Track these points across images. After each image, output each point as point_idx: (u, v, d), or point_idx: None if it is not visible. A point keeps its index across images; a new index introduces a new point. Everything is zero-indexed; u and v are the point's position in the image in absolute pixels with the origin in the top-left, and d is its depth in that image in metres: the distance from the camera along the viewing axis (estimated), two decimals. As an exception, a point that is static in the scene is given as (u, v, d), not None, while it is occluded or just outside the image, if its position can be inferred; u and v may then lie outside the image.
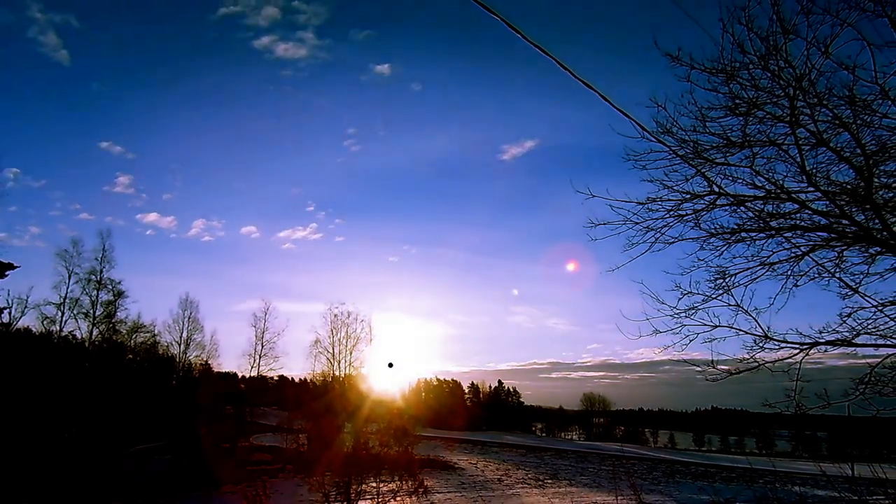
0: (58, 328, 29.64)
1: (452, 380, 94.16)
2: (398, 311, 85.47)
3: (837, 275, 5.29)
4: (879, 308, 5.01)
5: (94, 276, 30.31)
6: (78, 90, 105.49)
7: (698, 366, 5.58)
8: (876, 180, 4.65)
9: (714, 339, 5.41)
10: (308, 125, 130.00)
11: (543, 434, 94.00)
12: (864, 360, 4.97)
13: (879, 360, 4.85)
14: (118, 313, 31.79)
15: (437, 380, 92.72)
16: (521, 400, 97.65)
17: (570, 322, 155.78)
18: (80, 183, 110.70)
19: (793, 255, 5.32)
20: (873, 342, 4.94)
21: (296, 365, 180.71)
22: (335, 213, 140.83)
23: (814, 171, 4.87)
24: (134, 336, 36.93)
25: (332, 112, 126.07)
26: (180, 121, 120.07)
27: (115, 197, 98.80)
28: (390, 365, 31.45)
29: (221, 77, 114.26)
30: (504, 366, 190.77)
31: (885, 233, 4.73)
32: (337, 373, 35.82)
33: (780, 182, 5.08)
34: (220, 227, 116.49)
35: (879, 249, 4.94)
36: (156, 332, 39.02)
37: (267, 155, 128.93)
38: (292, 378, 69.36)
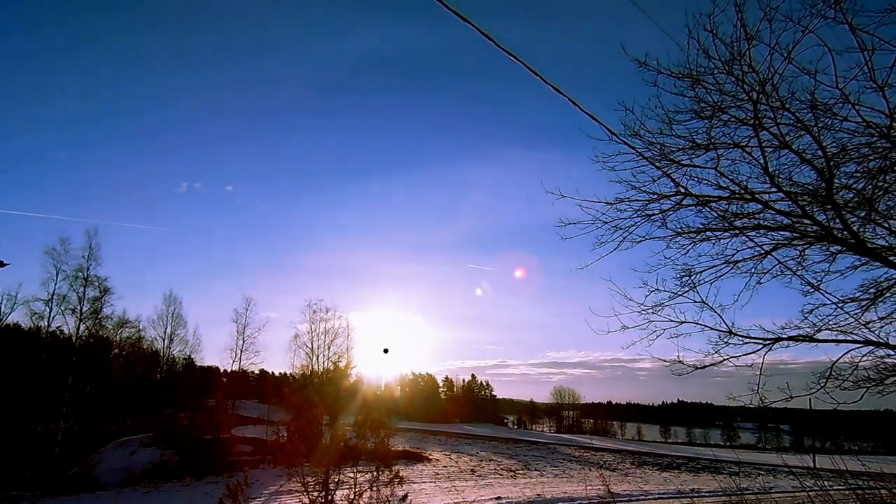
0: (46, 324, 29.90)
1: (427, 374, 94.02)
2: (377, 310, 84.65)
3: (799, 273, 5.42)
4: (840, 305, 5.17)
5: (81, 274, 30.46)
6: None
7: (666, 361, 5.69)
8: (836, 181, 4.72)
9: (680, 335, 5.50)
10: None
11: (515, 426, 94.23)
12: (825, 356, 5.13)
13: (840, 355, 5.00)
14: (104, 309, 32.05)
15: (413, 374, 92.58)
16: (494, 393, 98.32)
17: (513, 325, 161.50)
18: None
19: (756, 253, 5.42)
20: (834, 338, 5.07)
21: (276, 359, 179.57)
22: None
23: (777, 172, 4.96)
24: (120, 331, 37.48)
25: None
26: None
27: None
28: (385, 351, 32.12)
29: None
30: (459, 363, 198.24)
31: (845, 232, 4.82)
32: (316, 367, 35.62)
33: (745, 183, 5.16)
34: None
35: (840, 248, 5.05)
36: (141, 327, 39.62)
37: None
38: (272, 372, 69.13)
